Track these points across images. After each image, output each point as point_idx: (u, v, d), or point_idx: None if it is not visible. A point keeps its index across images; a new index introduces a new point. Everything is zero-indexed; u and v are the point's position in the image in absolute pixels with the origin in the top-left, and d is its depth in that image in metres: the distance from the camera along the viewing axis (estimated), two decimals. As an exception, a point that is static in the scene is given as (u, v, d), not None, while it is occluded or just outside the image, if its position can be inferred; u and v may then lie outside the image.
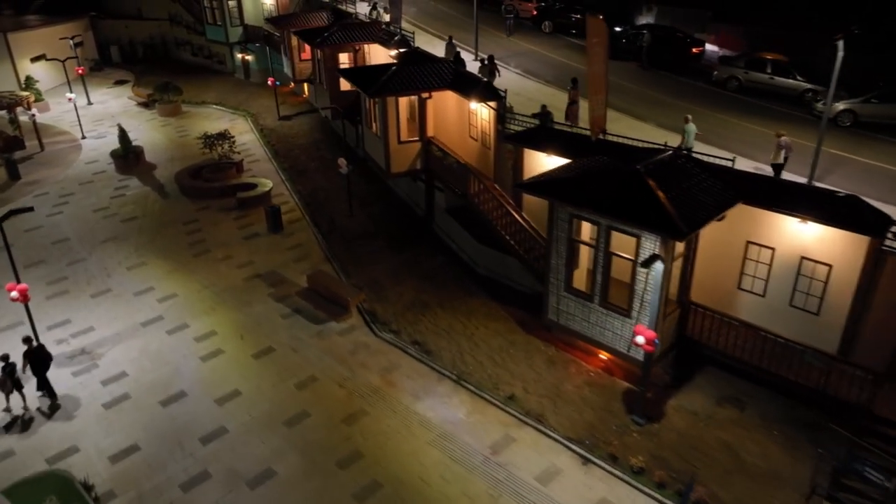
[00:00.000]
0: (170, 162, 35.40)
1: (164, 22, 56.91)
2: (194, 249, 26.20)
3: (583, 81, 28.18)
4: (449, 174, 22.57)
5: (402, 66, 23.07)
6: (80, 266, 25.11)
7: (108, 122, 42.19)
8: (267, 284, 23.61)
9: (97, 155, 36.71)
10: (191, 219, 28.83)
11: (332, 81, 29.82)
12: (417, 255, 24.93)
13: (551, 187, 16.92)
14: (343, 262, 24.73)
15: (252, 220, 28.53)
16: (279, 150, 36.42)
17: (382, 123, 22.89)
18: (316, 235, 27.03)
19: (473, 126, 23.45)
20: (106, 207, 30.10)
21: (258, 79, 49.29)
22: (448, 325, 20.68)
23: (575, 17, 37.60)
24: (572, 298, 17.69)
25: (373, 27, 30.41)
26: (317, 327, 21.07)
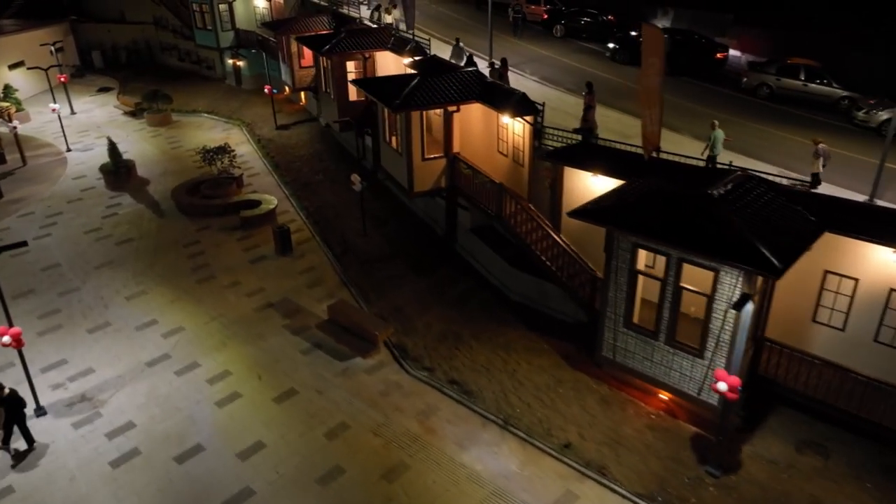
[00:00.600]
0: (163, 176, 33.29)
1: (149, 26, 54.56)
2: (198, 275, 24.21)
3: (605, 87, 26.80)
4: (479, 194, 20.88)
5: (426, 77, 21.33)
6: (73, 296, 23.02)
7: (94, 132, 39.94)
8: (281, 314, 21.72)
9: (85, 169, 34.49)
10: (191, 240, 26.81)
11: (340, 91, 28.00)
12: (442, 280, 23.18)
13: (612, 215, 15.28)
14: (362, 288, 22.90)
15: (258, 241, 26.59)
16: (279, 162, 34.46)
17: (405, 139, 21.13)
18: (329, 257, 25.17)
19: (503, 141, 21.78)
20: (98, 228, 27.96)
21: (250, 85, 47.24)
22: (486, 360, 18.96)
23: (585, 20, 36.09)
24: (632, 335, 16.08)
25: (382, 33, 28.63)
26: (341, 364, 19.23)
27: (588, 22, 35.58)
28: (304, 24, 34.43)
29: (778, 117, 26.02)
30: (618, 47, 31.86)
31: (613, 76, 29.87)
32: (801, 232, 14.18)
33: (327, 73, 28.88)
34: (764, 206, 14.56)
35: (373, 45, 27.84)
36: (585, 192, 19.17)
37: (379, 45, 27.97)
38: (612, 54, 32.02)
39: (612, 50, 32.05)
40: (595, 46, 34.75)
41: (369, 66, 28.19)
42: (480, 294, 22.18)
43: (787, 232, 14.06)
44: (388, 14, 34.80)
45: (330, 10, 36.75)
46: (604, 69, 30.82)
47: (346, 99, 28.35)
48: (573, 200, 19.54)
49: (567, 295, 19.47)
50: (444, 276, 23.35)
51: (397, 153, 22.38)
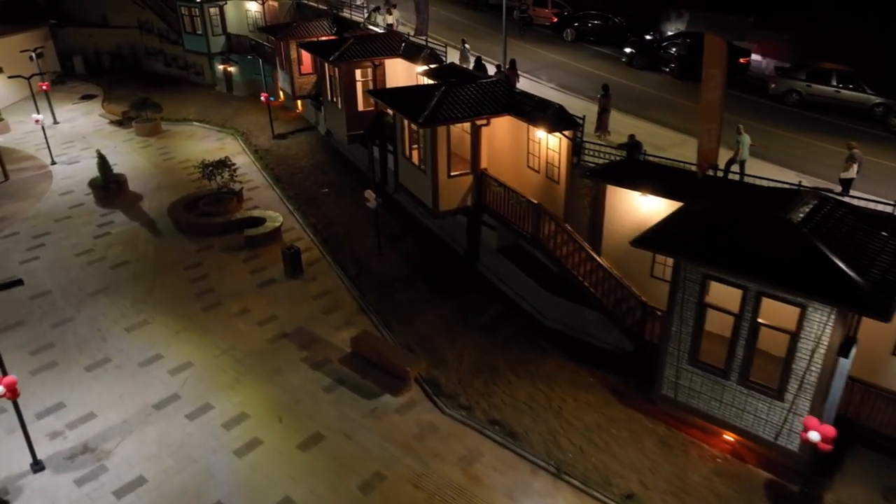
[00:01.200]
0: (157, 191, 31.39)
1: (133, 30, 52.38)
2: (203, 301, 22.44)
3: (628, 95, 25.44)
4: (512, 213, 19.37)
5: (450, 88, 19.78)
6: (67, 328, 21.15)
7: (80, 143, 37.87)
8: (297, 346, 20.05)
9: (71, 184, 32.46)
10: (192, 262, 25.00)
11: (348, 101, 26.35)
12: (469, 304, 21.64)
13: (680, 243, 13.85)
14: (382, 315, 21.29)
15: (265, 263, 24.86)
16: (280, 174, 32.70)
17: (430, 155, 19.57)
18: (343, 280, 23.52)
19: (534, 156, 20.31)
20: (90, 250, 26.03)
21: (242, 92, 45.37)
22: (528, 396, 17.46)
23: (596, 23, 34.72)
24: (698, 373, 14.67)
25: (392, 39, 27.03)
26: (369, 403, 17.62)
27: (600, 25, 34.22)
28: (304, 30, 32.71)
29: (809, 125, 24.79)
30: (635, 52, 30.54)
31: (635, 83, 28.53)
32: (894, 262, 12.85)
33: (334, 82, 27.22)
34: (850, 232, 13.22)
35: (383, 52, 26.23)
36: (630, 212, 17.84)
37: (389, 51, 26.37)
38: (628, 60, 30.70)
39: (628, 55, 30.73)
40: (608, 51, 33.40)
41: (380, 75, 26.57)
42: (512, 320, 20.68)
43: (881, 262, 12.72)
44: (389, 14, 33.31)
45: (330, 13, 35.04)
46: (623, 75, 29.46)
47: (356, 109, 26.71)
48: (616, 220, 18.24)
49: (610, 322, 18.05)
50: (471, 300, 21.81)
51: (419, 169, 20.81)
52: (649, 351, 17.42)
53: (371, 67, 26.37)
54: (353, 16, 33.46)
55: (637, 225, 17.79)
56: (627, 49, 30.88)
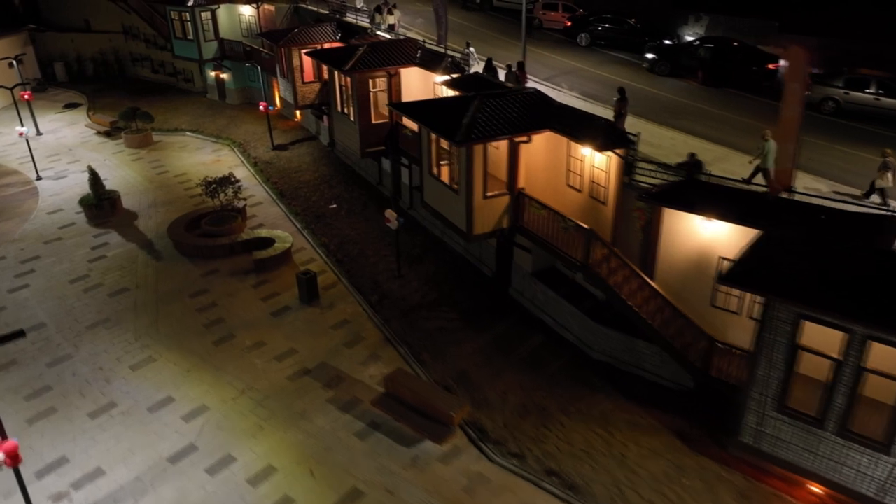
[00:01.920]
0: (153, 209, 29.45)
1: (118, 35, 50.22)
2: (213, 334, 20.64)
3: (656, 104, 24.09)
4: (558, 238, 17.82)
5: (485, 101, 18.21)
6: (66, 367, 19.24)
7: (66, 156, 35.76)
8: (322, 384, 18.34)
9: (60, 201, 30.39)
10: (198, 288, 23.16)
11: (362, 113, 24.65)
12: (505, 334, 20.07)
13: (771, 279, 12.39)
14: (412, 347, 19.65)
15: (276, 288, 23.09)
16: (283, 188, 30.91)
17: (466, 175, 17.97)
18: (363, 307, 21.83)
19: (575, 174, 18.80)
20: (85, 276, 24.07)
21: (236, 100, 43.47)
22: (584, 441, 15.92)
23: (609, 27, 33.32)
24: (787, 421, 13.23)
25: (407, 46, 25.37)
26: (408, 452, 15.97)
27: (616, 30, 32.83)
28: (307, 36, 30.94)
29: (846, 133, 23.52)
30: (657, 58, 29.18)
31: (660, 90, 27.15)
32: None
33: (346, 93, 25.51)
34: (965, 267, 11.85)
35: (399, 61, 24.57)
36: (689, 237, 16.41)
37: (406, 60, 24.70)
38: (650, 66, 29.34)
39: (650, 61, 29.37)
40: (626, 56, 32.02)
41: (394, 84, 24.92)
42: (555, 352, 19.14)
43: None
44: (390, 15, 31.85)
45: (333, 18, 33.29)
46: (646, 82, 28.09)
47: (369, 122, 25.02)
48: (672, 245, 16.81)
49: (668, 356, 16.61)
50: (507, 329, 20.24)
51: (450, 190, 19.19)
52: (715, 389, 16.04)
53: (386, 77, 24.69)
54: (360, 21, 31.72)
55: (697, 251, 16.42)
56: (649, 55, 29.52)
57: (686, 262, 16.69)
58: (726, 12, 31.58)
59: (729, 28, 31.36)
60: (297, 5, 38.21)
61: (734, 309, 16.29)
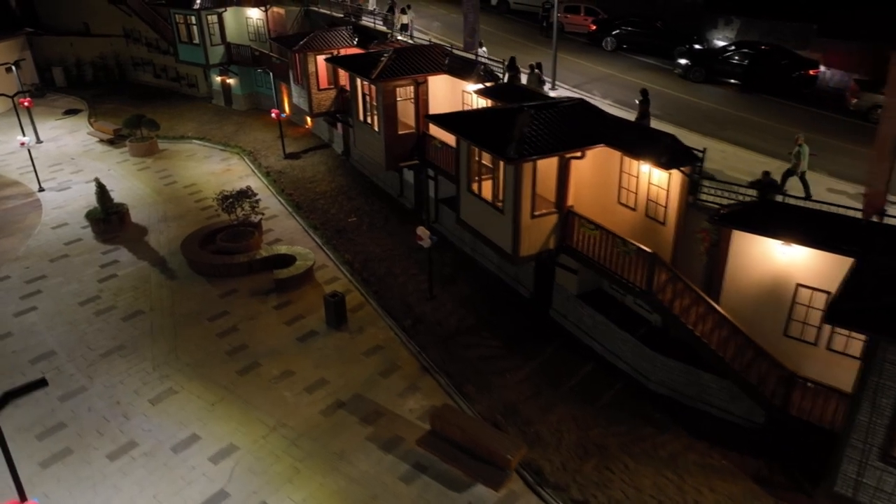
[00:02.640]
0: (163, 223, 28.03)
1: (118, 39, 48.82)
2: (237, 362, 19.27)
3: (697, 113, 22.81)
4: (611, 260, 16.54)
5: (534, 112, 16.93)
6: (80, 401, 17.83)
7: (69, 166, 34.30)
8: (359, 419, 16.99)
9: (65, 215, 28.94)
10: (217, 311, 21.78)
11: (389, 123, 23.33)
12: (551, 361, 18.77)
13: (881, 317, 11.13)
14: (453, 376, 18.31)
15: (300, 310, 21.74)
16: (299, 200, 29.54)
17: (513, 194, 16.67)
18: (396, 332, 20.49)
19: (628, 191, 17.52)
20: (96, 297, 22.64)
21: (243, 105, 42.07)
22: (654, 486, 14.62)
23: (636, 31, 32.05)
24: (893, 472, 11.99)
25: (435, 53, 24.05)
26: (460, 497, 14.63)
27: (644, 34, 31.58)
28: (324, 41, 29.57)
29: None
30: (690, 64, 27.95)
31: (698, 98, 25.90)
32: None
33: (369, 102, 24.18)
34: None
35: (427, 68, 23.24)
36: (762, 262, 15.19)
37: (434, 67, 23.37)
38: (683, 72, 28.09)
39: (683, 67, 28.13)
40: (654, 61, 30.79)
41: (422, 93, 23.60)
42: (607, 381, 17.85)
43: None
44: (403, 15, 30.77)
45: (349, 22, 31.93)
46: (681, 89, 26.86)
47: (395, 132, 23.68)
48: (741, 270, 15.60)
49: (738, 389, 15.35)
50: (554, 357, 18.94)
51: (493, 208, 17.87)
52: (793, 428, 14.78)
53: (413, 85, 23.37)
54: (377, 25, 30.35)
55: (771, 277, 15.18)
56: (682, 60, 28.27)
57: (757, 288, 15.44)
58: (761, 15, 30.35)
59: (764, 32, 30.14)
60: (308, 8, 36.84)
61: (811, 339, 15.06)
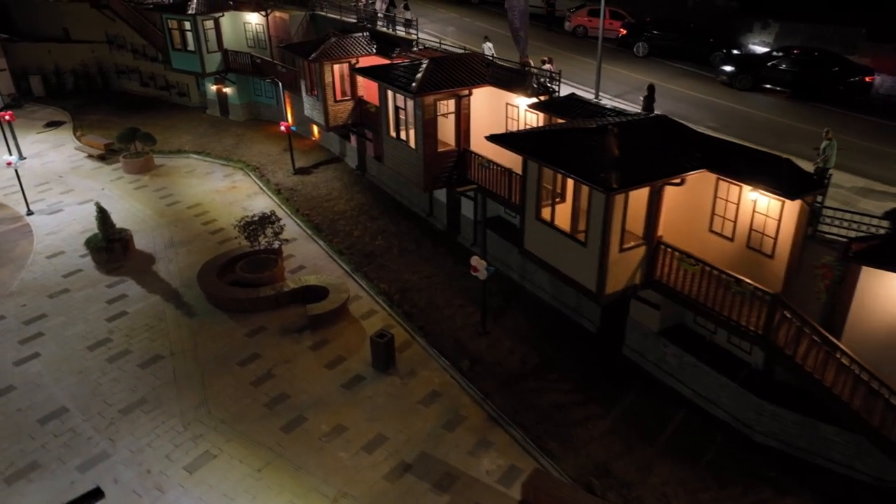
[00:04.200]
0: (171, 249, 25.55)
1: (101, 45, 45.85)
2: (279, 416, 17.00)
3: (756, 126, 21.09)
4: (714, 299, 14.68)
5: (620, 132, 15.01)
6: (103, 471, 15.42)
7: (57, 185, 31.56)
8: (430, 485, 14.88)
9: (59, 242, 26.28)
10: (247, 353, 19.47)
11: (428, 139, 21.25)
12: (634, 408, 16.84)
13: None
14: (529, 429, 16.26)
15: (339, 350, 19.54)
16: (318, 221, 27.26)
17: (602, 225, 14.73)
18: (452, 375, 18.40)
19: (724, 218, 15.68)
20: (106, 340, 20.17)
21: (240, 116, 39.57)
22: (789, 563, 12.81)
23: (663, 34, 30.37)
24: None
25: (475, 62, 22.02)
26: (568, 583, 12.67)
27: (679, 39, 29.90)
28: (340, 49, 27.36)
29: None
30: (736, 71, 26.31)
31: (750, 108, 24.21)
32: None
33: (403, 116, 22.07)
34: None
35: (471, 80, 21.21)
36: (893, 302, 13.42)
37: (476, 78, 21.34)
38: (729, 79, 26.44)
39: (729, 74, 26.48)
40: (690, 68, 29.12)
41: (463, 107, 21.56)
42: (705, 433, 15.95)
43: None
44: (406, 10, 29.71)
45: (363, 28, 29.71)
46: (730, 98, 25.16)
47: (435, 150, 21.61)
48: (869, 310, 13.89)
49: (872, 444, 13.60)
50: (636, 403, 17.01)
51: (573, 241, 15.88)
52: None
53: (455, 99, 21.32)
54: (398, 31, 28.15)
55: (908, 318, 13.45)
56: (727, 67, 26.62)
57: (889, 329, 13.72)
58: (803, 19, 28.87)
59: (808, 36, 28.68)
60: (314, 13, 34.53)
61: (953, 388, 13.36)
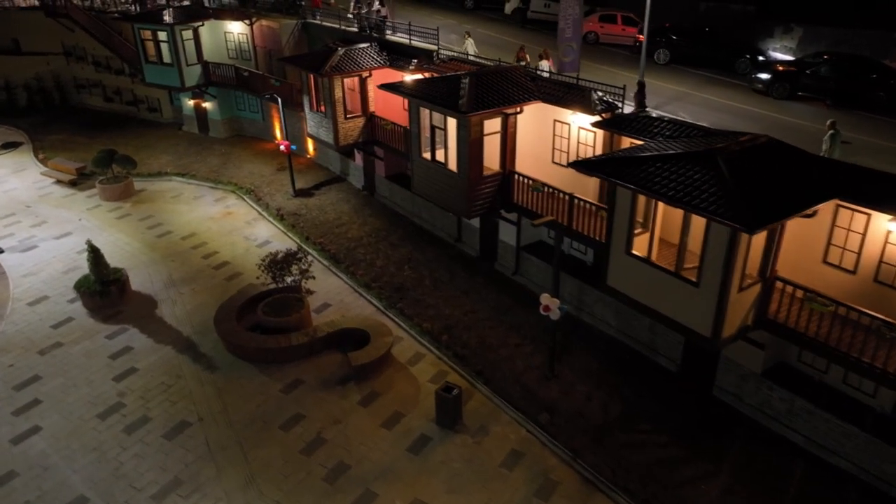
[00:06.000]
0: (172, 289, 22.75)
1: (57, 57, 42.04)
2: (344, 493, 14.60)
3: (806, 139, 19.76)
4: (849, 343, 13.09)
5: (737, 157, 13.30)
6: (147, 579, 12.85)
7: (25, 216, 28.24)
8: (542, 572, 12.84)
9: (40, 285, 23.14)
10: (288, 414, 16.97)
11: (473, 162, 19.15)
12: (745, 462, 15.07)
13: None
14: (635, 493, 14.31)
15: (392, 404, 17.26)
16: (334, 250, 24.81)
17: (723, 265, 12.96)
18: (529, 429, 16.33)
19: (845, 250, 14.13)
20: (118, 405, 17.36)
21: (222, 132, 36.68)
22: None
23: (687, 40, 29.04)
24: None
25: (518, 75, 19.99)
26: None
27: (703, 45, 28.59)
28: (351, 61, 25.02)
29: None
30: (774, 78, 25.06)
31: (794, 118, 22.87)
32: None
33: (441, 137, 19.93)
34: None
35: (521, 96, 19.21)
36: None
37: (528, 94, 19.35)
38: (766, 87, 25.14)
39: (765, 82, 25.19)
40: (715, 74, 27.80)
41: (510, 125, 19.56)
42: (834, 489, 14.28)
43: None
44: (382, 7, 28.62)
45: (368, 37, 27.36)
46: (769, 107, 23.72)
47: (480, 173, 19.53)
48: None
49: None
50: (748, 455, 15.24)
51: (680, 279, 14.06)
52: None
53: (501, 117, 19.30)
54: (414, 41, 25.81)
55: None
56: (763, 75, 25.36)
57: None
58: (828, 23, 27.92)
59: (833, 41, 27.74)
60: (306, 21, 31.99)
61: None
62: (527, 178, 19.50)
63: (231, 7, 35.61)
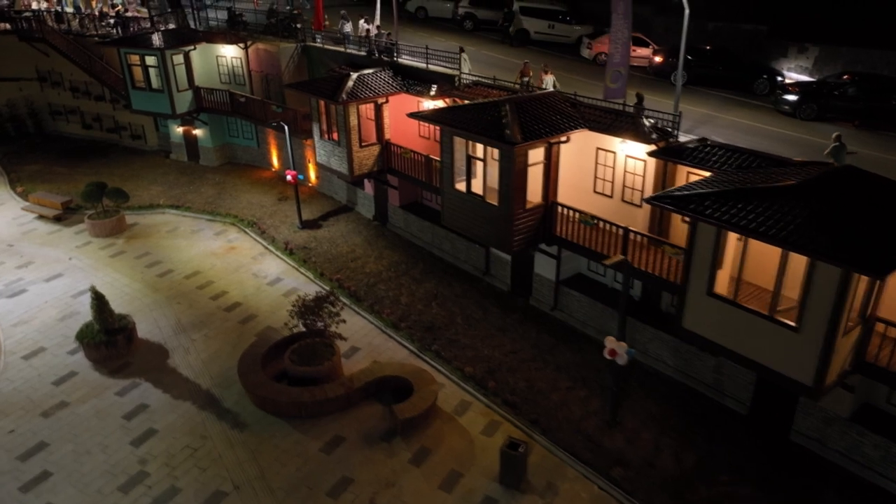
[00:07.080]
0: (183, 335, 20.97)
1: (30, 83, 39.78)
2: (411, 571, 13.14)
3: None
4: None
5: (826, 189, 12.36)
6: None
7: (9, 257, 26.14)
8: None
9: (35, 334, 21.12)
10: (334, 477, 15.35)
11: (518, 193, 17.94)
12: (844, 516, 14.11)
13: None
14: (732, 558, 13.21)
15: (446, 461, 15.79)
16: (353, 287, 23.28)
17: (832, 308, 11.95)
18: (600, 485, 15.02)
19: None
20: (141, 475, 15.53)
21: (213, 160, 34.89)
22: None
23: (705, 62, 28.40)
24: None
25: (559, 102, 18.90)
26: None
27: (722, 66, 28.00)
28: (366, 87, 23.70)
29: None
30: (801, 100, 24.50)
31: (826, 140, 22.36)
32: None
33: (479, 168, 18.71)
34: None
35: (566, 124, 18.11)
36: None
37: (570, 122, 18.28)
38: (792, 108, 24.59)
39: (791, 103, 24.63)
40: (734, 96, 27.22)
41: (553, 156, 18.44)
42: (943, 544, 13.41)
43: None
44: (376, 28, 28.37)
45: (379, 62, 26.06)
46: (801, 130, 23.08)
47: (524, 206, 18.32)
48: None
49: None
50: (842, 508, 14.28)
51: (774, 323, 13.00)
52: None
53: (545, 146, 18.17)
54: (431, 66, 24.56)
55: None
56: (790, 96, 24.79)
57: None
58: (844, 42, 27.61)
59: (850, 60, 27.42)
60: (306, 44, 30.59)
61: None
62: (573, 210, 18.38)
63: (221, 29, 34.01)
